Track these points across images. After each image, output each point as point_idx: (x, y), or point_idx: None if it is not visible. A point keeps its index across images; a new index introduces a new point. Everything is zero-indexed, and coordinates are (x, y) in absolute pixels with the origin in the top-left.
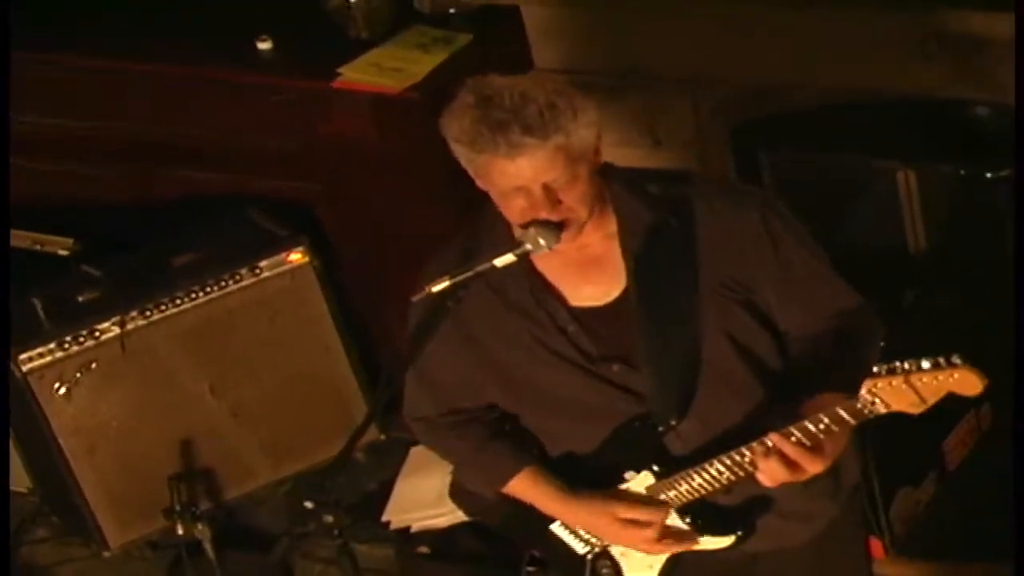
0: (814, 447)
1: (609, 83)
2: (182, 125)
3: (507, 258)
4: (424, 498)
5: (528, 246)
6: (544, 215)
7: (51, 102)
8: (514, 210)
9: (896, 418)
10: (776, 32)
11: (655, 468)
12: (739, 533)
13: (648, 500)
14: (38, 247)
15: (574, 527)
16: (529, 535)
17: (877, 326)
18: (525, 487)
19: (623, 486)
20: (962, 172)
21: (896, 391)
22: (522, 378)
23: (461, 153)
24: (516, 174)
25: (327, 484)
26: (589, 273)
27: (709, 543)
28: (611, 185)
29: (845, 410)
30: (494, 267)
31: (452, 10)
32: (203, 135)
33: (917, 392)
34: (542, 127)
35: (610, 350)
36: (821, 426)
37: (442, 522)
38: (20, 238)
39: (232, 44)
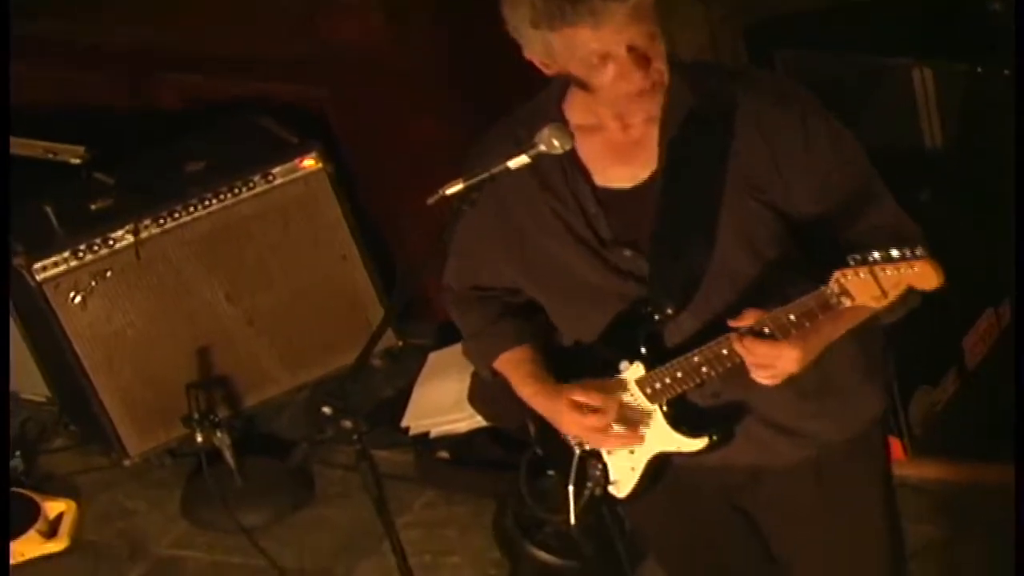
0: (786, 337)
1: None
2: (189, 31)
3: (521, 159)
4: (443, 403)
5: (542, 147)
6: (638, 83)
7: (56, 9)
8: (605, 90)
9: (914, 315)
10: None
11: (644, 356)
12: (713, 437)
13: (618, 389)
14: (50, 156)
15: (544, 416)
16: (537, 433)
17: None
18: (510, 367)
19: (618, 376)
20: (979, 69)
21: (862, 283)
22: (541, 258)
23: (534, 38)
24: (601, 41)
25: (346, 389)
26: (623, 155)
27: (683, 444)
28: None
29: (813, 299)
30: (508, 169)
31: None
32: (211, 41)
33: (879, 283)
34: None
35: (625, 235)
36: (792, 317)
37: (461, 427)
38: (31, 147)
39: None
